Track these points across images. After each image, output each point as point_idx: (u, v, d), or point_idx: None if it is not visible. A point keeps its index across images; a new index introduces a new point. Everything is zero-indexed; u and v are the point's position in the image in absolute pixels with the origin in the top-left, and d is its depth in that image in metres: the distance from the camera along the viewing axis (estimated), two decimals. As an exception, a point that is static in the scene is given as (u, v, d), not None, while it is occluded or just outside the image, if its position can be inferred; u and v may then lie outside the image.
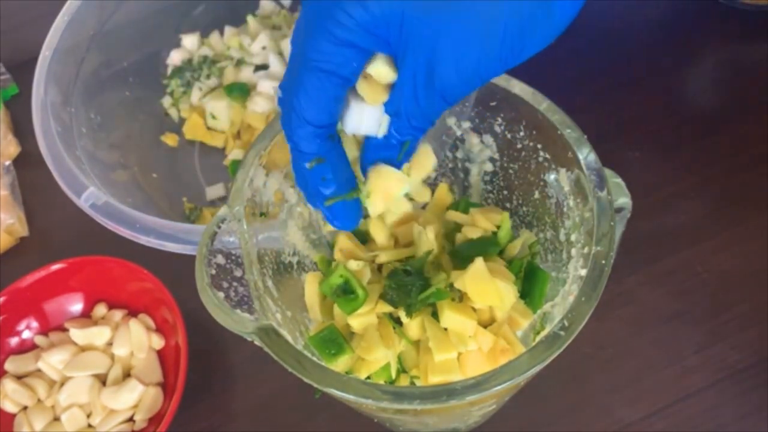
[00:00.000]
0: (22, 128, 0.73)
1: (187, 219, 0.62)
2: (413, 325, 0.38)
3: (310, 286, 0.41)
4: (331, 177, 0.31)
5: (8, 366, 0.54)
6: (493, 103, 0.40)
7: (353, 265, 0.40)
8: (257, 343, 0.33)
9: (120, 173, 0.60)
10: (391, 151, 0.32)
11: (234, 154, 0.65)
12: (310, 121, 0.30)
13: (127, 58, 0.67)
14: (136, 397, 0.51)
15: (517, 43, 0.27)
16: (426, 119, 0.30)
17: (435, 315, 0.38)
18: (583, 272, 0.33)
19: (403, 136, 0.31)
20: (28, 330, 0.56)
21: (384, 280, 0.40)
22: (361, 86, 0.31)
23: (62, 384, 0.53)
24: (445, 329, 0.38)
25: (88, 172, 0.54)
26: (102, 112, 0.62)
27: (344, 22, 0.27)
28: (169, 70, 0.70)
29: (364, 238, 0.44)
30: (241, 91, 0.65)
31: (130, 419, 0.52)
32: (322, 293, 0.40)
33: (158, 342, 0.54)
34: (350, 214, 0.33)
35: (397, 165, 0.33)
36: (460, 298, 0.39)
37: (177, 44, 0.71)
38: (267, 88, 0.64)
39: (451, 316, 0.37)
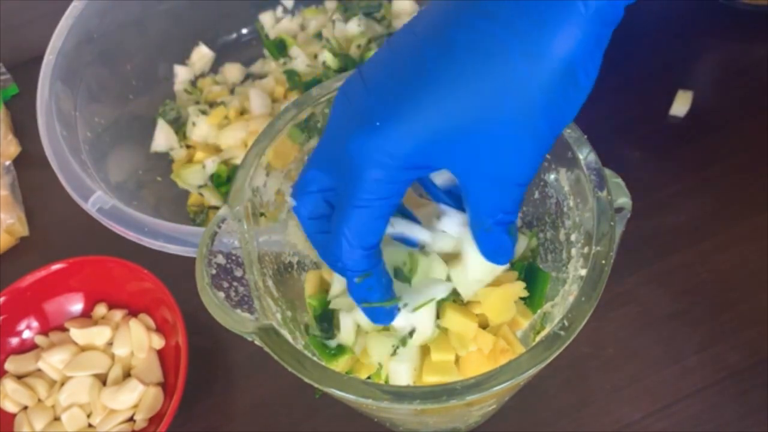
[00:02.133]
0: (22, 128, 0.73)
1: (192, 222, 0.62)
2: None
3: (310, 284, 0.41)
4: (376, 287, 0.33)
5: (8, 366, 0.54)
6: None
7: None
8: (257, 343, 0.33)
9: (124, 176, 0.60)
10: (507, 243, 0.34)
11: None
12: (361, 246, 0.31)
13: (131, 61, 0.67)
14: (136, 397, 0.51)
15: (559, 120, 0.29)
16: (513, 208, 0.31)
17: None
18: (583, 272, 0.33)
19: (506, 224, 0.32)
20: (28, 330, 0.56)
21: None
22: None
23: (62, 384, 0.53)
24: (446, 329, 0.38)
25: (94, 175, 0.54)
26: (106, 115, 0.63)
27: (389, 163, 0.29)
28: (175, 84, 0.70)
29: None
30: None
31: (131, 419, 0.52)
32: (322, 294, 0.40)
33: (158, 342, 0.54)
34: (388, 315, 0.35)
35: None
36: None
37: (179, 47, 0.71)
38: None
39: (453, 318, 0.37)
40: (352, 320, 0.37)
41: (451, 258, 0.37)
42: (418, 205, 0.42)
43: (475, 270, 0.36)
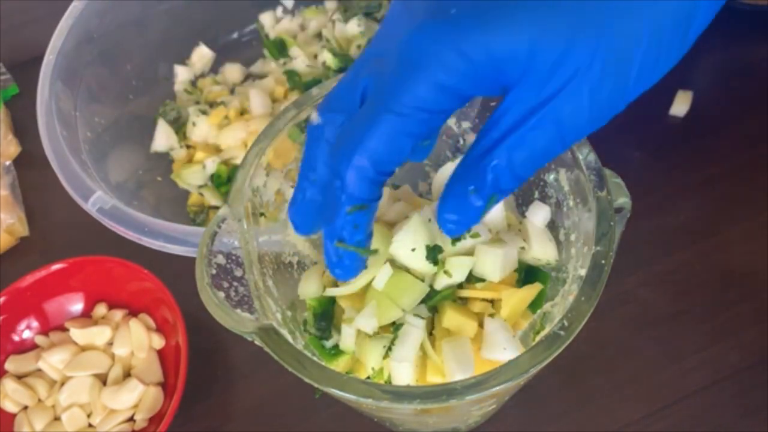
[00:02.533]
0: (22, 128, 0.73)
1: (192, 222, 0.62)
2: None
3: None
4: (362, 226, 0.28)
5: (8, 366, 0.54)
6: (493, 104, 0.40)
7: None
8: (257, 342, 0.33)
9: (124, 176, 0.60)
10: (474, 201, 0.26)
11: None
12: (375, 166, 0.25)
13: (131, 61, 0.67)
14: (136, 396, 0.51)
15: (650, 69, 0.24)
16: (531, 168, 0.25)
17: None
18: (583, 272, 0.33)
19: (498, 184, 0.26)
20: (28, 330, 0.56)
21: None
22: None
23: (62, 384, 0.53)
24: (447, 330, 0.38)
25: (94, 175, 0.54)
26: (106, 115, 0.63)
27: (457, 66, 0.23)
28: (175, 84, 0.70)
29: None
30: None
31: (131, 419, 0.52)
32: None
33: (158, 342, 0.54)
34: (355, 266, 0.30)
35: (475, 218, 0.27)
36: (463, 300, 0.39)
37: (179, 47, 0.71)
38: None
39: (453, 317, 0.37)
40: (353, 331, 0.37)
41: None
42: (419, 204, 0.42)
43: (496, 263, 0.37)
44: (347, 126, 0.26)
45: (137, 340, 0.54)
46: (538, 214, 0.40)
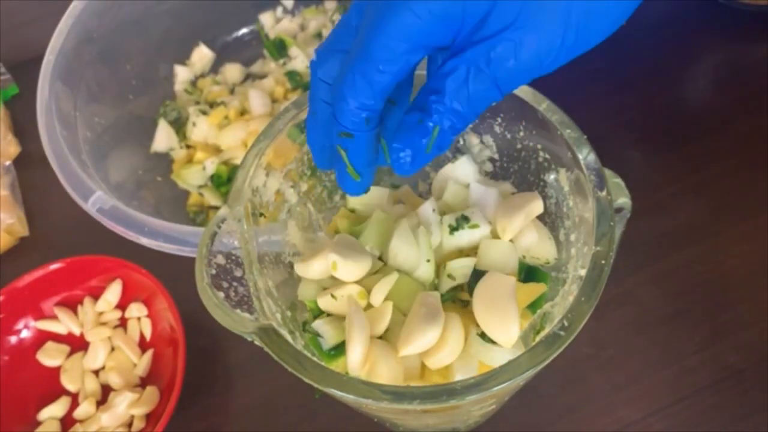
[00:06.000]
0: (22, 128, 0.73)
1: (192, 222, 0.62)
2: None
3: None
4: (356, 151, 0.30)
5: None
6: (493, 104, 0.40)
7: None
8: (257, 343, 0.33)
9: (124, 176, 0.60)
10: (419, 133, 0.29)
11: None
12: (357, 103, 0.29)
13: (131, 61, 0.67)
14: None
15: (583, 29, 0.27)
16: (470, 106, 0.28)
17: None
18: (583, 272, 0.33)
19: (439, 117, 0.28)
20: (26, 329, 0.56)
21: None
22: None
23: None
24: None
25: (94, 175, 0.54)
26: (106, 115, 0.63)
27: (412, 25, 0.27)
28: (175, 84, 0.70)
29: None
30: None
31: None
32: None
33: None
34: (359, 186, 0.32)
35: (422, 151, 0.29)
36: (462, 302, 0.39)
37: (179, 47, 0.71)
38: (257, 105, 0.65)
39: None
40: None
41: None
42: (419, 204, 0.42)
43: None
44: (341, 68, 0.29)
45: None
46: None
